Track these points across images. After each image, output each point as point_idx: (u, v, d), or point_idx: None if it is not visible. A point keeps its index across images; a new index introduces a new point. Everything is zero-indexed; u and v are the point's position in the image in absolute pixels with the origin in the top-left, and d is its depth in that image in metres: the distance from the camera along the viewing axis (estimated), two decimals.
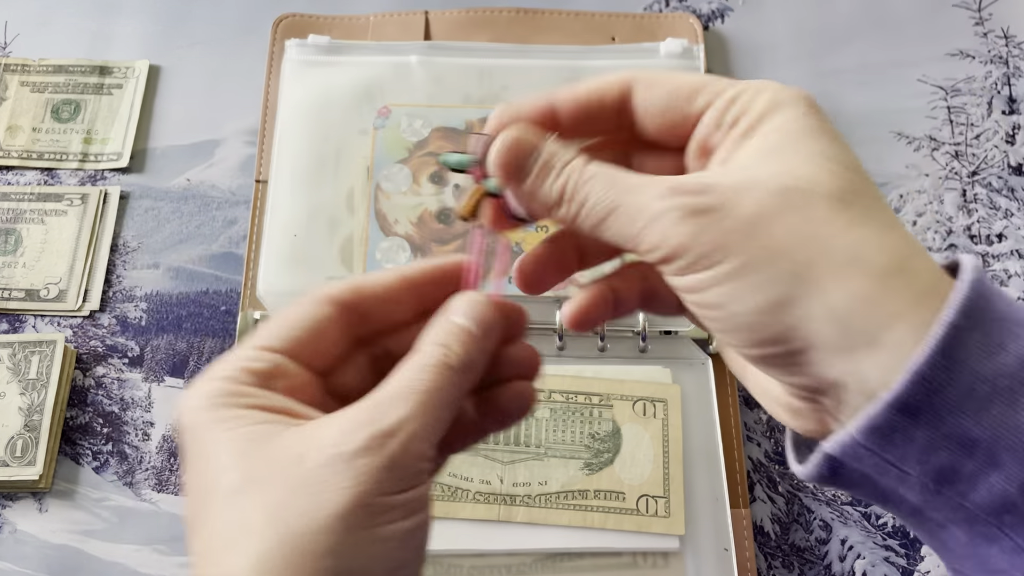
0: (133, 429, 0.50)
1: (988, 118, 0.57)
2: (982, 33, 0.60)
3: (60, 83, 0.58)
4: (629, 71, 0.30)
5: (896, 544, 0.46)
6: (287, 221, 0.50)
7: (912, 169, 0.56)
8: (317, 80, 0.54)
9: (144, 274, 0.54)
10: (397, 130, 0.52)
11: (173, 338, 0.52)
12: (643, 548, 0.44)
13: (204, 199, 0.56)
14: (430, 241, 0.50)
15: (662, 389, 0.47)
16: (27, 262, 0.53)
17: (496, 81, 0.54)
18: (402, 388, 0.26)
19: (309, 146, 0.52)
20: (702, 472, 0.45)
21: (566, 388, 0.46)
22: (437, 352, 0.27)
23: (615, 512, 0.44)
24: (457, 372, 0.27)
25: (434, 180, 0.51)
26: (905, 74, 0.59)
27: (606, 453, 0.45)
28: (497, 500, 0.44)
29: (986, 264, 0.53)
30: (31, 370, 0.49)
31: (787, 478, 0.48)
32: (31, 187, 0.55)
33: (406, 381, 0.26)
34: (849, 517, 0.47)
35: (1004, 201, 0.55)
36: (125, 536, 0.47)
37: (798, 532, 0.47)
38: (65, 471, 0.48)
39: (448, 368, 0.26)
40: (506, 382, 0.30)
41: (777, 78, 0.59)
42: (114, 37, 0.61)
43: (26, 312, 0.52)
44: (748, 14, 0.61)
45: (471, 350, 0.27)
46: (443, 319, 0.28)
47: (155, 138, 0.58)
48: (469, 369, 0.27)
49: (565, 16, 0.59)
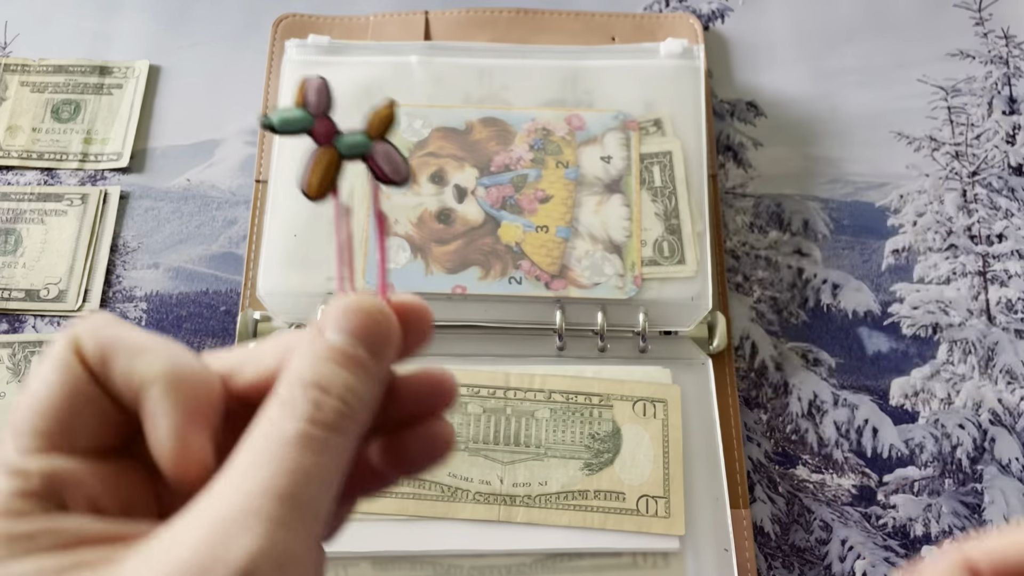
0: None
1: (988, 118, 0.57)
2: (982, 33, 0.60)
3: (60, 83, 0.58)
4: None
5: (896, 544, 0.46)
6: (287, 221, 0.50)
7: (912, 169, 0.56)
8: None
9: (144, 274, 0.54)
10: (397, 130, 0.52)
11: (173, 338, 0.52)
12: (643, 548, 0.44)
13: (204, 199, 0.56)
14: (430, 241, 0.50)
15: (662, 390, 0.47)
16: (27, 262, 0.53)
17: (496, 81, 0.54)
18: (250, 494, 0.17)
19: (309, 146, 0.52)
20: (702, 472, 0.45)
21: (566, 388, 0.46)
22: (299, 409, 0.19)
23: (615, 512, 0.44)
24: (335, 432, 0.19)
25: (434, 180, 0.51)
26: (905, 74, 0.59)
27: (606, 453, 0.45)
28: (497, 500, 0.44)
29: (986, 264, 0.53)
30: (31, 370, 0.49)
31: (787, 478, 0.48)
32: (31, 187, 0.55)
33: (255, 480, 0.18)
34: (849, 518, 0.47)
35: (1004, 201, 0.55)
36: None
37: (798, 532, 0.47)
38: None
39: (319, 434, 0.19)
40: (410, 420, 0.22)
41: (777, 78, 0.59)
42: (114, 37, 0.61)
43: (26, 312, 0.52)
44: (748, 14, 0.61)
45: (355, 387, 0.20)
46: (307, 340, 0.20)
47: (155, 138, 0.58)
48: (354, 419, 0.20)
49: (565, 16, 0.59)
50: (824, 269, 0.53)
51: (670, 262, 0.49)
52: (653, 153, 0.51)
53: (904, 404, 0.50)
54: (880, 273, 0.53)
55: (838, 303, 0.53)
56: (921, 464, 0.48)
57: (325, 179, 0.22)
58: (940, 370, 0.51)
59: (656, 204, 0.50)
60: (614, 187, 0.50)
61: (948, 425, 0.49)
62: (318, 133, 0.23)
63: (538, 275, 0.48)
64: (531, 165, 0.51)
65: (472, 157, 0.51)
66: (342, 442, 0.19)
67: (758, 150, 0.57)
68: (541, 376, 0.47)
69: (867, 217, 0.55)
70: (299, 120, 0.22)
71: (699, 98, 0.52)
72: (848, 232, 0.55)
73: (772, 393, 0.50)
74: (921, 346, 0.51)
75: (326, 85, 0.23)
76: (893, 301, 0.53)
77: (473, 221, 0.50)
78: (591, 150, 0.51)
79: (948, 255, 0.54)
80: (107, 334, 0.21)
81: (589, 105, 0.53)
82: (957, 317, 0.52)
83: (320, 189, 0.22)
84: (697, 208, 0.50)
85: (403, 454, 0.22)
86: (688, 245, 0.49)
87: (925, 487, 0.48)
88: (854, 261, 0.54)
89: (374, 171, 0.23)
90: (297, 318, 0.49)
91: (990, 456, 0.48)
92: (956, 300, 0.52)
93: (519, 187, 0.50)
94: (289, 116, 0.22)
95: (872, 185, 0.56)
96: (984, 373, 0.50)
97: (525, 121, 0.52)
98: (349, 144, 0.23)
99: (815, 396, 0.50)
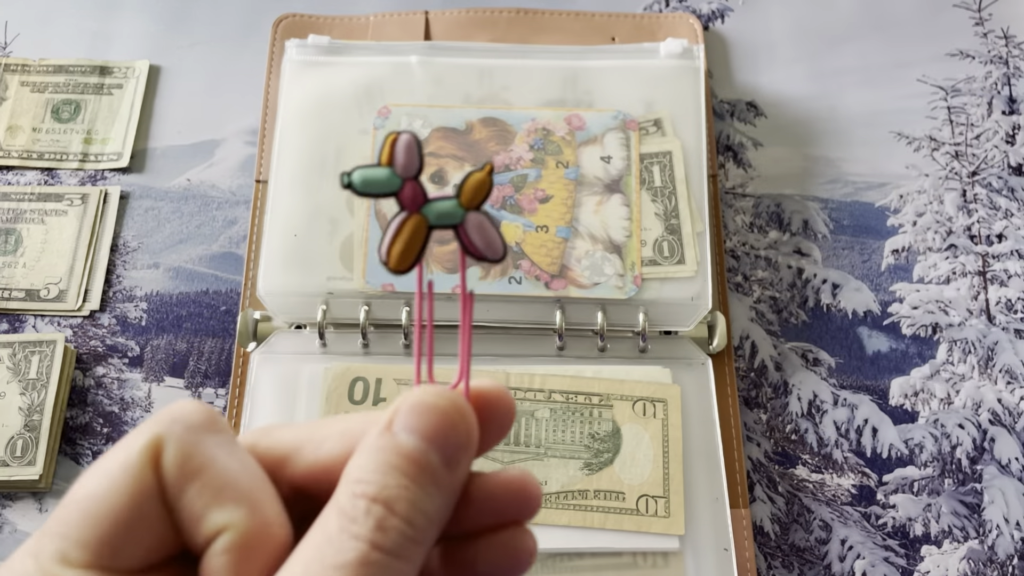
0: (133, 429, 0.49)
1: (988, 118, 0.57)
2: (982, 33, 0.60)
3: (60, 83, 0.58)
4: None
5: (896, 544, 0.46)
6: (287, 221, 0.50)
7: (912, 169, 0.56)
8: (317, 80, 0.54)
9: (144, 274, 0.54)
10: (397, 130, 0.52)
11: (173, 338, 0.52)
12: (643, 548, 0.44)
13: (204, 199, 0.56)
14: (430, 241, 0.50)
15: (662, 389, 0.47)
16: (27, 262, 0.53)
17: (496, 81, 0.54)
18: None
19: (309, 146, 0.52)
20: (702, 472, 0.45)
21: (566, 388, 0.46)
22: (361, 528, 0.17)
23: (615, 512, 0.44)
24: (399, 559, 0.17)
25: (434, 180, 0.51)
26: (905, 74, 0.59)
27: (606, 453, 0.45)
28: None
29: (986, 264, 0.53)
30: (31, 370, 0.49)
31: (787, 478, 0.48)
32: (31, 187, 0.55)
33: None
34: (849, 517, 0.47)
35: (1004, 201, 0.55)
36: None
37: (798, 532, 0.47)
38: (65, 471, 0.48)
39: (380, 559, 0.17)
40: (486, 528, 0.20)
41: (777, 78, 0.59)
42: (114, 37, 0.61)
43: (26, 312, 0.52)
44: (748, 14, 0.61)
45: (423, 504, 0.17)
46: (374, 434, 0.19)
47: (155, 138, 0.58)
48: (420, 543, 0.18)
49: (565, 16, 0.59)
50: (824, 269, 0.53)
51: (670, 262, 0.49)
52: (653, 153, 0.51)
53: (904, 404, 0.50)
54: (880, 273, 0.53)
55: (838, 303, 0.53)
56: (921, 464, 0.48)
57: (410, 250, 0.20)
58: (940, 370, 0.51)
59: (656, 204, 0.50)
60: (614, 187, 0.50)
61: (948, 425, 0.49)
62: (405, 198, 0.21)
63: (538, 275, 0.48)
64: (531, 165, 0.51)
65: (472, 157, 0.51)
66: (405, 568, 0.17)
67: (758, 150, 0.57)
68: (541, 376, 0.47)
69: (867, 217, 0.55)
70: (385, 181, 0.20)
71: (699, 98, 0.53)
72: (848, 232, 0.55)
73: (772, 393, 0.50)
74: (921, 346, 0.51)
75: (417, 144, 0.21)
76: (893, 301, 0.53)
77: None
78: (591, 150, 0.51)
79: (948, 255, 0.54)
80: (195, 448, 0.19)
81: (589, 105, 0.53)
82: (957, 317, 0.52)
83: (403, 262, 0.20)
84: (697, 208, 0.50)
85: (472, 566, 0.20)
86: (688, 245, 0.49)
87: (925, 487, 0.48)
88: (854, 261, 0.54)
89: (465, 245, 0.21)
90: (297, 318, 0.49)
91: (990, 456, 0.48)
92: (956, 300, 0.52)
93: (519, 187, 0.50)
94: (374, 177, 0.20)
95: (872, 185, 0.56)
96: (984, 373, 0.50)
97: (525, 121, 0.52)
98: (439, 213, 0.20)
99: (815, 396, 0.50)
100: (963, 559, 0.46)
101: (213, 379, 0.51)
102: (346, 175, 0.21)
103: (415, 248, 0.21)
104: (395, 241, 0.20)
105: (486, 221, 0.21)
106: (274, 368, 0.47)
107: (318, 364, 0.47)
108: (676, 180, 0.50)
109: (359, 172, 0.20)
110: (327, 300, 0.48)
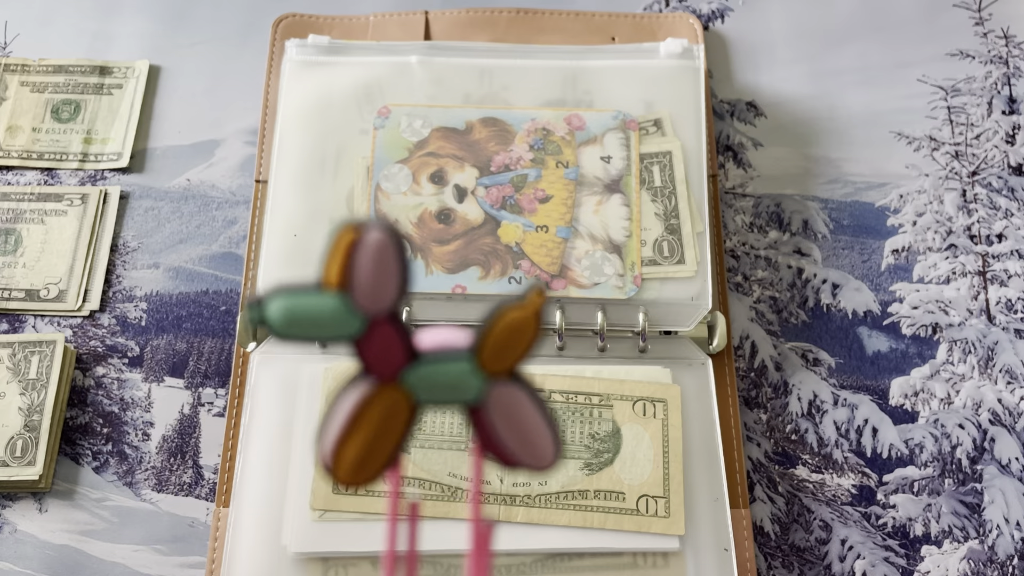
0: (133, 429, 0.50)
1: (988, 118, 0.57)
2: (982, 33, 0.60)
3: (60, 83, 0.58)
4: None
5: (896, 544, 0.46)
6: (287, 221, 0.50)
7: (912, 169, 0.56)
8: (317, 80, 0.54)
9: (144, 274, 0.54)
10: (397, 130, 0.52)
11: (173, 338, 0.52)
12: (643, 548, 0.44)
13: (204, 199, 0.56)
14: (430, 241, 0.50)
15: (662, 389, 0.47)
16: (27, 262, 0.53)
17: (496, 81, 0.54)
18: None
19: (309, 146, 0.52)
20: (702, 472, 0.45)
21: (565, 388, 0.46)
22: None
23: (615, 512, 0.44)
24: None
25: (434, 180, 0.51)
26: (905, 74, 0.59)
27: (606, 453, 0.45)
28: (496, 500, 0.44)
29: (986, 264, 0.53)
30: (31, 370, 0.49)
31: (787, 478, 0.48)
32: (31, 187, 0.55)
33: None
34: (849, 517, 0.47)
35: (1004, 201, 0.55)
36: (125, 536, 0.47)
37: (798, 532, 0.47)
38: (65, 471, 0.48)
39: None
40: None
41: (777, 78, 0.59)
42: (114, 37, 0.61)
43: (26, 312, 0.52)
44: (748, 14, 0.61)
45: None
46: None
47: (155, 138, 0.58)
48: None
49: (565, 16, 0.59)
50: (824, 269, 0.53)
51: (670, 262, 0.49)
52: (653, 153, 0.51)
53: (904, 404, 0.50)
54: (880, 273, 0.53)
55: (838, 303, 0.53)
56: (921, 464, 0.48)
57: (374, 454, 0.11)
58: (940, 370, 0.51)
59: (656, 204, 0.50)
60: (614, 187, 0.50)
61: (948, 425, 0.49)
62: (370, 353, 0.12)
63: (538, 275, 0.48)
64: (531, 165, 0.51)
65: (472, 157, 0.51)
66: None
67: (758, 150, 0.57)
68: (540, 376, 0.47)
69: (867, 217, 0.55)
70: (329, 319, 0.11)
71: (699, 98, 0.53)
72: (848, 232, 0.55)
73: (772, 393, 0.50)
74: (921, 346, 0.51)
75: (398, 247, 0.12)
76: (893, 301, 0.53)
77: (473, 221, 0.50)
78: (591, 150, 0.51)
79: (948, 255, 0.54)
80: None
81: (589, 105, 0.53)
82: (957, 317, 0.52)
83: (362, 471, 0.12)
84: (697, 208, 0.50)
85: None
86: (688, 245, 0.49)
87: (925, 487, 0.48)
88: (854, 261, 0.54)
89: (486, 441, 0.12)
90: None
91: (990, 456, 0.48)
92: (956, 300, 0.52)
93: (519, 187, 0.50)
94: (310, 310, 0.11)
95: (872, 185, 0.56)
96: (984, 373, 0.50)
97: (525, 121, 0.52)
98: (438, 384, 0.12)
99: (815, 396, 0.50)
100: (963, 559, 0.46)
101: (213, 379, 0.51)
102: (255, 307, 0.12)
103: (386, 447, 0.12)
104: (350, 434, 0.12)
105: (524, 399, 0.12)
106: (274, 368, 0.47)
107: (318, 364, 0.47)
108: (676, 180, 0.50)
109: (281, 301, 0.12)
110: None
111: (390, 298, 0.11)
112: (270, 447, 0.45)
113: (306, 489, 0.43)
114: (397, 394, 0.11)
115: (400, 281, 0.11)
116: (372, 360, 0.11)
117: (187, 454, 0.49)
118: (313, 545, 0.42)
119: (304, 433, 0.45)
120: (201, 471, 0.48)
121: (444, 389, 0.12)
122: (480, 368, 0.12)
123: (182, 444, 0.49)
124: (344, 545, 0.43)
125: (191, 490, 0.48)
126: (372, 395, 0.11)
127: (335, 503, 0.43)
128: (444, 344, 0.11)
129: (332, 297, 0.11)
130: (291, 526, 0.43)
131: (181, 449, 0.49)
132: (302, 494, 0.43)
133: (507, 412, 0.12)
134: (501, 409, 0.12)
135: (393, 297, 0.12)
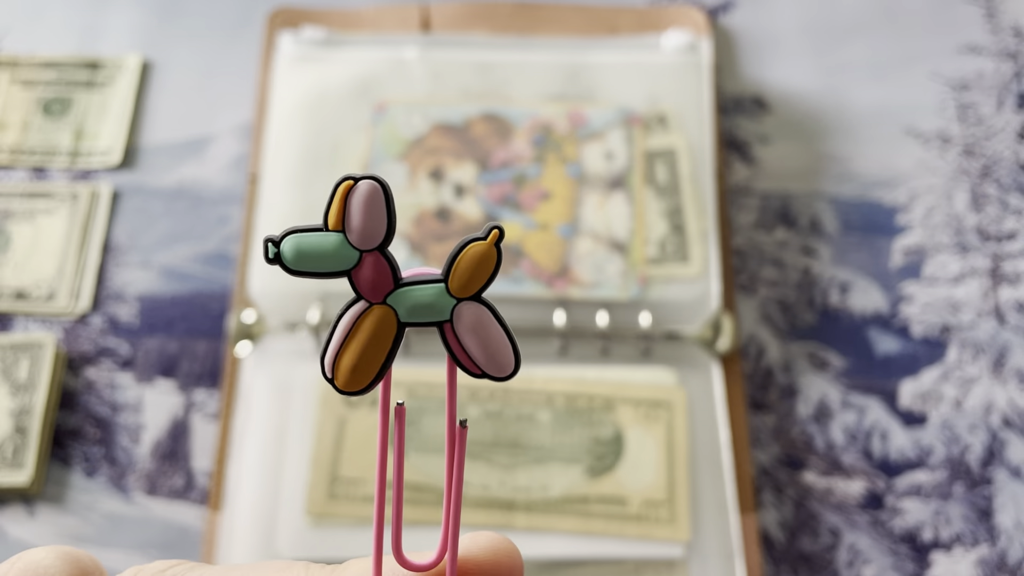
0: (124, 432, 0.49)
1: (999, 115, 0.56)
2: (993, 28, 0.59)
3: (50, 79, 0.57)
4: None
5: (905, 549, 0.46)
6: (281, 219, 0.49)
7: (922, 166, 0.55)
8: (312, 74, 0.53)
9: (135, 273, 0.53)
10: (394, 126, 0.51)
11: (165, 339, 0.51)
12: (647, 555, 0.43)
13: (196, 196, 0.55)
14: (428, 239, 0.49)
15: (667, 392, 0.46)
16: (17, 261, 0.52)
17: (496, 75, 0.53)
18: None
19: (304, 142, 0.51)
20: (708, 478, 0.44)
21: (568, 391, 0.45)
22: None
23: (618, 518, 0.43)
24: None
25: (433, 177, 0.50)
26: (915, 69, 0.58)
27: (609, 458, 0.44)
28: (497, 505, 0.43)
29: (997, 263, 0.52)
30: (21, 372, 0.48)
31: (794, 483, 0.47)
32: (20, 185, 0.54)
33: None
34: (857, 522, 0.46)
35: (1015, 199, 0.54)
36: (116, 541, 0.46)
37: (805, 538, 0.46)
38: (55, 475, 0.47)
39: None
40: None
41: (783, 72, 0.58)
42: (105, 31, 0.60)
43: (16, 313, 0.51)
44: (754, 7, 0.60)
45: None
46: None
47: (147, 134, 0.56)
48: None
49: (567, 9, 0.58)
50: (832, 268, 0.52)
51: (675, 261, 0.48)
52: (657, 149, 0.50)
53: (913, 407, 0.49)
54: (889, 272, 0.52)
55: (846, 303, 0.52)
56: (931, 468, 0.47)
57: (369, 362, 0.14)
58: (950, 372, 0.50)
59: (660, 202, 0.49)
60: (617, 184, 0.49)
61: (958, 428, 0.48)
62: (363, 280, 0.14)
63: (539, 275, 0.47)
64: (532, 162, 0.50)
65: (471, 154, 0.50)
66: None
67: (764, 147, 0.56)
68: (542, 378, 0.46)
69: (876, 215, 0.54)
70: (332, 254, 0.14)
71: (705, 93, 0.51)
72: (856, 230, 0.53)
73: (779, 396, 0.49)
74: (931, 347, 0.50)
75: (384, 195, 0.14)
76: (902, 301, 0.52)
77: (472, 219, 0.49)
78: (593, 146, 0.50)
79: (958, 253, 0.53)
80: None
81: (591, 100, 0.52)
82: (967, 317, 0.51)
83: (358, 379, 0.15)
84: (703, 206, 0.49)
85: None
86: (693, 244, 0.48)
87: (935, 491, 0.47)
88: (862, 260, 0.53)
89: (455, 354, 0.15)
90: (290, 318, 0.48)
91: (1000, 460, 0.47)
92: (966, 300, 0.51)
93: (519, 184, 0.49)
94: (316, 246, 0.14)
95: (881, 182, 0.55)
96: (994, 375, 0.49)
97: (526, 117, 0.51)
98: (416, 303, 0.15)
99: (823, 399, 0.49)
100: (973, 564, 0.45)
101: (205, 381, 0.50)
102: (271, 244, 0.15)
103: (377, 358, 0.14)
104: (346, 346, 0.14)
105: (487, 316, 0.15)
106: (267, 370, 0.46)
107: (313, 366, 0.46)
108: (681, 177, 0.49)
109: (292, 240, 0.14)
110: (322, 300, 0.47)
111: (379, 233, 0.15)
112: (263, 451, 0.44)
113: (301, 494, 0.43)
114: (385, 311, 0.15)
115: (387, 220, 0.15)
116: (365, 287, 0.15)
117: (179, 457, 0.48)
118: (307, 550, 0.42)
119: (298, 436, 0.44)
120: (193, 475, 0.47)
121: (422, 309, 0.15)
122: (449, 290, 0.15)
123: (174, 447, 0.48)
124: (339, 550, 0.42)
125: (183, 494, 0.47)
126: (364, 313, 0.15)
127: (330, 508, 0.42)
128: (422, 274, 0.15)
129: (334, 236, 0.15)
130: (285, 531, 0.42)
131: (173, 452, 0.48)
132: (296, 499, 0.42)
133: (473, 328, 0.15)
134: (468, 325, 0.15)
135: (382, 234, 0.15)
